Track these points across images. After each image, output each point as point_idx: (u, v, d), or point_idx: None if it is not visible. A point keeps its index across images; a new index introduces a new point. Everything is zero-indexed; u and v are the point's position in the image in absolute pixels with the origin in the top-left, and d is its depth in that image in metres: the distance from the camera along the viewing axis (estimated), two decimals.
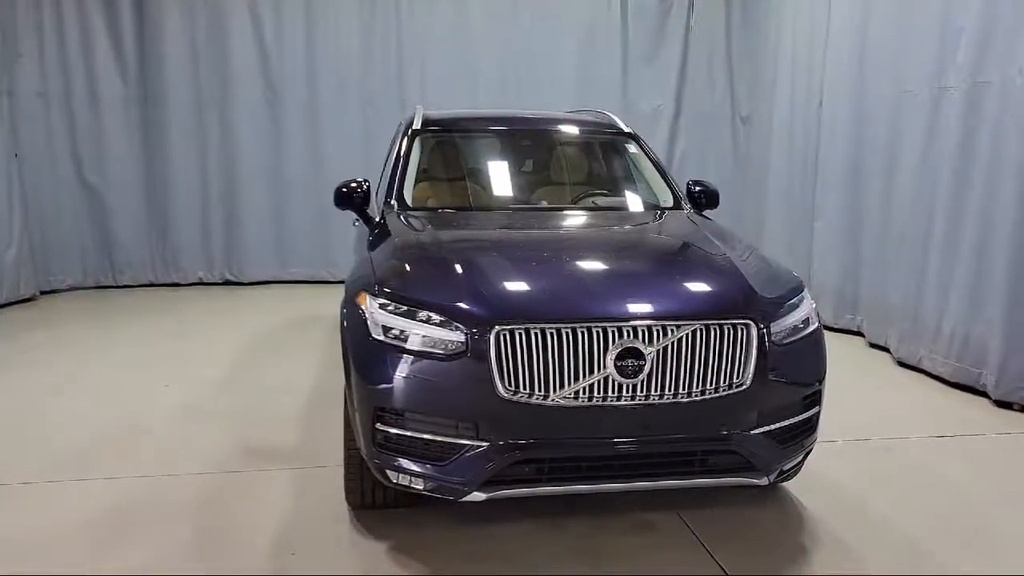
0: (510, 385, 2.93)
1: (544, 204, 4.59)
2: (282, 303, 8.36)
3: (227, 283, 9.30)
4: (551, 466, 3.02)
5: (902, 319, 6.12)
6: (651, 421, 3.01)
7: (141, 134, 8.91)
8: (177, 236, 9.15)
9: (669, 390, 2.99)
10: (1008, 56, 5.11)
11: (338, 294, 9.03)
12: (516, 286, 3.22)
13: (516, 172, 4.79)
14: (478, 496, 3.00)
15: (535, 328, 2.94)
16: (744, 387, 3.05)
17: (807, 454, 3.41)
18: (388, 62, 9.15)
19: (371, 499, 3.51)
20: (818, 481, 3.93)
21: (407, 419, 3.04)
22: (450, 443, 3.00)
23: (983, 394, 5.33)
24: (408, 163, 4.50)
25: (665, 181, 4.72)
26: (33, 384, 5.56)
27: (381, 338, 3.09)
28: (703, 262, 3.55)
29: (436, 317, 3.03)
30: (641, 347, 2.94)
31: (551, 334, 2.93)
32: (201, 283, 9.27)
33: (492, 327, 2.94)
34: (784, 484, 3.81)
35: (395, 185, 4.37)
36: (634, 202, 4.69)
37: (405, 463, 3.07)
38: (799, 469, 3.47)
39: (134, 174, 8.94)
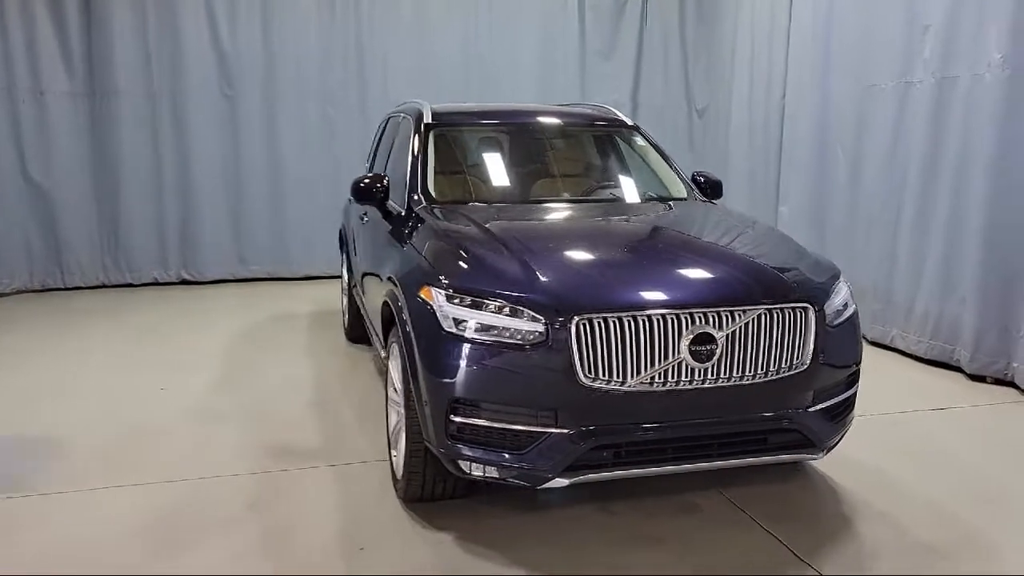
0: (589, 373, 3.01)
1: (568, 196, 4.67)
2: (248, 301, 8.17)
3: (184, 282, 9.02)
4: (627, 450, 3.12)
5: (873, 300, 6.45)
6: (721, 403, 3.14)
7: (89, 130, 8.52)
8: (130, 235, 8.80)
9: (737, 373, 3.12)
10: (976, 52, 5.44)
11: (302, 291, 8.94)
12: (591, 276, 3.31)
13: (537, 165, 4.84)
14: (561, 482, 3.07)
15: (613, 317, 3.02)
16: (804, 367, 3.22)
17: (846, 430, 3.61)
18: (348, 57, 9.03)
19: (431, 491, 3.52)
20: (832, 455, 4.12)
21: (483, 409, 3.09)
22: (529, 431, 3.06)
23: (957, 369, 5.69)
24: (427, 157, 4.49)
25: (675, 172, 4.87)
26: (20, 389, 5.32)
27: (453, 330, 3.12)
28: (755, 249, 3.70)
29: (512, 308, 3.08)
30: (713, 332, 3.07)
31: (628, 322, 3.03)
32: (156, 283, 8.95)
33: (573, 317, 3.01)
34: None
35: (418, 179, 4.36)
36: (654, 192, 4.79)
37: (481, 453, 3.11)
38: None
39: (82, 171, 8.54)
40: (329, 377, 5.64)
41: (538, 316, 3.04)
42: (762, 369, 3.16)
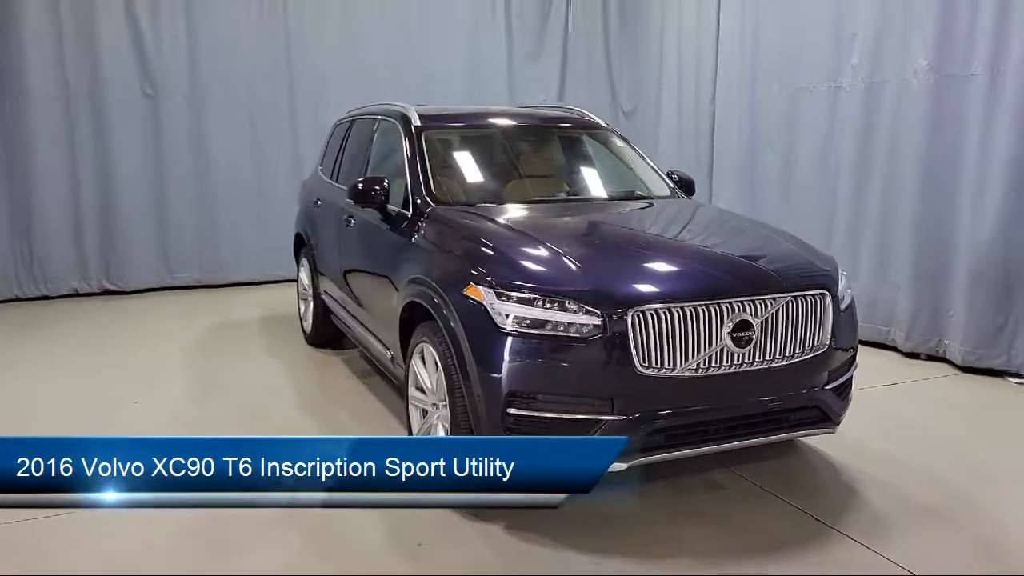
0: (644, 362, 3.20)
1: (567, 195, 4.83)
2: (184, 310, 7.87)
3: (106, 293, 8.57)
4: (676, 432, 3.33)
5: None
6: (755, 385, 3.41)
7: None
8: (45, 243, 8.25)
9: (769, 356, 3.39)
10: (903, 59, 5.97)
11: (238, 297, 8.64)
12: (638, 271, 3.52)
13: (532, 165, 4.94)
14: (619, 466, 3.22)
15: (665, 308, 3.23)
16: (823, 349, 3.53)
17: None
18: (276, 55, 8.83)
19: None
20: None
21: (540, 401, 3.24)
22: (585, 420, 3.22)
23: (892, 348, 6.23)
24: (424, 160, 4.53)
25: (656, 171, 5.12)
26: None
27: (507, 326, 3.24)
28: (769, 242, 4.00)
29: (566, 303, 3.23)
30: (751, 319, 3.32)
31: (677, 313, 3.24)
32: (76, 295, 8.46)
33: (629, 309, 3.19)
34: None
35: (420, 182, 4.39)
36: (643, 191, 5.00)
37: None
38: None
39: None
40: (306, 382, 5.57)
41: (594, 310, 3.21)
42: (790, 352, 3.44)
